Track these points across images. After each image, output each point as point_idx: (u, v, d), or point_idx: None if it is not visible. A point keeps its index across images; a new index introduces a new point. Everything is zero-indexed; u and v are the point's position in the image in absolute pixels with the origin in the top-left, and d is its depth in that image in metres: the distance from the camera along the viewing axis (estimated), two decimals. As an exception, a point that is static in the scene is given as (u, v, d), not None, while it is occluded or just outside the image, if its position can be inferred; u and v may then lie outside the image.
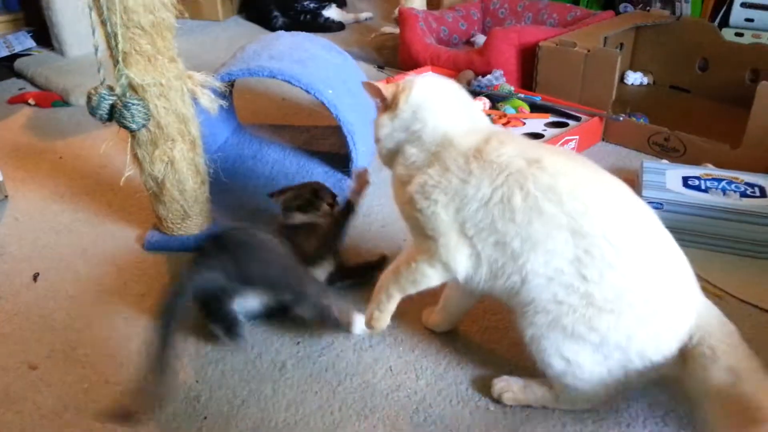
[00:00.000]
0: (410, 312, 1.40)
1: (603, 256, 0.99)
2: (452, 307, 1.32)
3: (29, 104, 2.57)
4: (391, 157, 1.20)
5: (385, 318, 1.21)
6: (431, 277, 1.13)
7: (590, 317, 1.01)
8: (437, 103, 1.15)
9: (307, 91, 1.71)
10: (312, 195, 1.51)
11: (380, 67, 2.95)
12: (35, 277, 1.56)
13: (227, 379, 1.25)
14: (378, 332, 1.28)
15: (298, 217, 1.49)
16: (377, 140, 1.20)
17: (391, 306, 1.20)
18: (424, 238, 1.11)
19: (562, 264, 1.01)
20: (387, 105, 1.17)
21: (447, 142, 1.10)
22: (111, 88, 1.41)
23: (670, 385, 1.13)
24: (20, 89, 2.73)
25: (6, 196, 1.91)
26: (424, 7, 3.29)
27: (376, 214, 1.78)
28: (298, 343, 1.34)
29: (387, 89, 1.17)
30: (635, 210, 1.05)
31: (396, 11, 3.16)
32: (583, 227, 0.99)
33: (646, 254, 1.02)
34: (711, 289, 1.45)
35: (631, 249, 1.00)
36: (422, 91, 1.15)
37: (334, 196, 1.55)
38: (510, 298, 1.09)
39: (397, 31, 3.17)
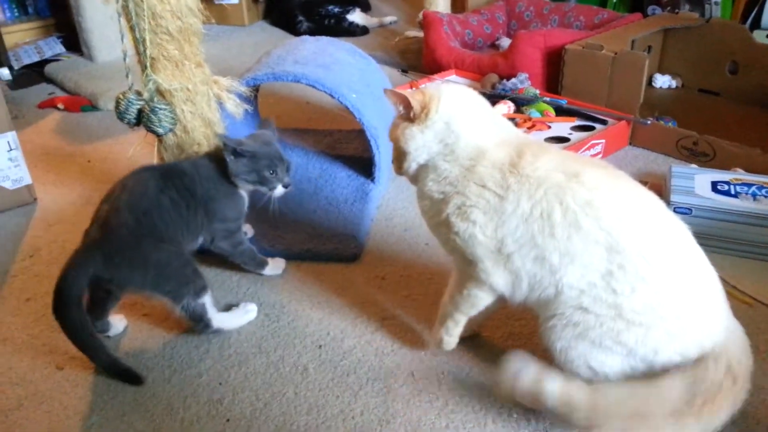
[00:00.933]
0: (432, 317, 1.40)
1: (636, 271, 0.98)
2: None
3: (59, 108, 2.62)
4: (419, 171, 1.17)
5: (455, 340, 1.26)
6: (486, 298, 1.16)
7: (618, 331, 1.00)
8: (468, 113, 1.12)
9: (331, 95, 1.72)
10: (270, 172, 1.41)
11: (404, 71, 2.95)
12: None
13: (250, 382, 1.26)
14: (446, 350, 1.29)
15: (246, 186, 1.44)
16: (405, 153, 1.15)
17: (459, 329, 1.25)
18: (465, 262, 1.13)
19: (595, 278, 1.00)
20: (415, 115, 1.13)
21: (480, 155, 1.09)
22: (139, 93, 1.44)
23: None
24: (50, 94, 2.79)
25: (35, 199, 1.94)
26: (449, 11, 3.29)
27: (399, 218, 1.78)
28: (320, 346, 1.34)
29: (414, 98, 1.12)
30: (670, 227, 1.04)
31: (420, 15, 3.15)
32: (619, 243, 0.99)
33: (679, 271, 1.02)
34: (740, 296, 1.42)
35: (665, 265, 1.00)
36: (452, 101, 1.12)
37: (289, 169, 1.46)
38: (539, 307, 1.09)
39: (421, 34, 3.16)
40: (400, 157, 1.18)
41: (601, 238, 0.99)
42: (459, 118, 1.11)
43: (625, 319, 1.00)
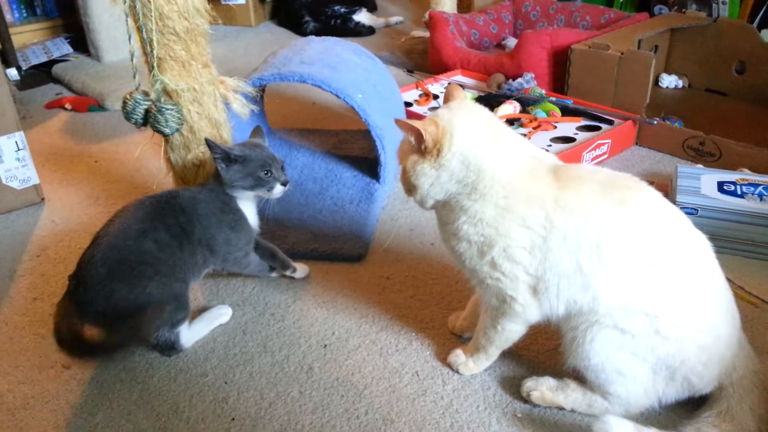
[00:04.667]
0: (437, 317, 1.40)
1: (674, 290, 1.01)
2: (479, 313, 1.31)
3: (66, 109, 2.64)
4: (439, 208, 1.12)
5: (479, 371, 1.25)
6: (521, 331, 1.16)
7: (653, 347, 1.03)
8: (487, 147, 1.05)
9: (337, 96, 1.72)
10: (264, 173, 1.36)
11: (410, 71, 2.95)
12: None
13: (255, 381, 1.26)
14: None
15: (245, 194, 1.38)
16: (415, 187, 1.09)
17: (490, 362, 1.25)
18: (499, 299, 1.12)
19: (633, 298, 1.02)
20: (426, 149, 1.05)
21: (514, 191, 1.03)
22: (146, 93, 1.44)
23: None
24: (57, 94, 2.81)
25: (43, 199, 1.95)
26: (455, 11, 3.29)
27: (404, 218, 1.78)
28: (325, 346, 1.34)
29: (427, 130, 1.03)
30: (699, 244, 1.07)
31: (426, 15, 3.16)
32: (660, 266, 1.01)
33: (708, 286, 1.06)
34: (747, 297, 1.42)
35: (698, 282, 1.04)
36: (468, 136, 1.04)
37: (283, 168, 1.41)
38: (567, 322, 1.09)
39: (427, 34, 3.17)
40: (409, 186, 1.11)
41: (648, 262, 1.01)
42: (478, 155, 1.04)
43: (661, 335, 1.02)
